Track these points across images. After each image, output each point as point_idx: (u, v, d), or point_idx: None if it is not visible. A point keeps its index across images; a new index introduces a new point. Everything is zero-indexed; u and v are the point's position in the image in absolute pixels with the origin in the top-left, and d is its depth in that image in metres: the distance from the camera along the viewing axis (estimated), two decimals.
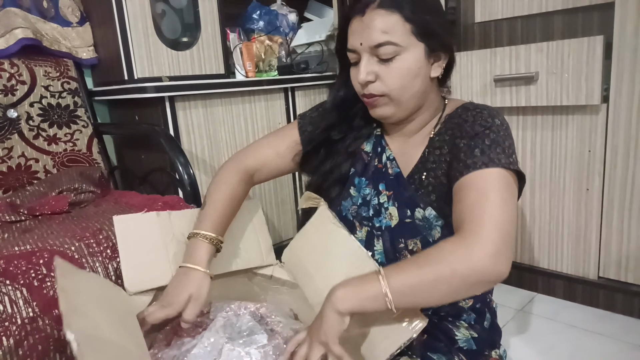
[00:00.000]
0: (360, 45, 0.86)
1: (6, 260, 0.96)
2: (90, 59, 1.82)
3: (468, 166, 0.80)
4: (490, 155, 0.79)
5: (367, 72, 0.86)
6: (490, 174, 0.77)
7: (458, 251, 0.70)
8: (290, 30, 2.29)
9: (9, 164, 1.48)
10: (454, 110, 0.93)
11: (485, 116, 0.85)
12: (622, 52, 1.41)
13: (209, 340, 0.79)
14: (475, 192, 0.76)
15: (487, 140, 0.81)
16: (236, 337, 0.81)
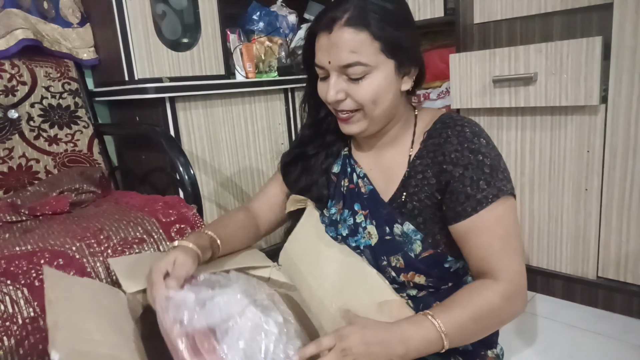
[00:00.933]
0: (328, 64, 0.83)
1: (7, 260, 0.97)
2: (90, 59, 1.82)
3: (480, 202, 0.79)
4: (497, 185, 0.79)
5: (336, 91, 0.84)
6: (503, 208, 0.79)
7: (505, 306, 0.76)
8: (290, 31, 2.30)
9: (9, 164, 1.49)
10: (431, 126, 0.90)
11: (469, 137, 0.82)
12: (620, 53, 1.41)
13: (232, 296, 0.74)
14: (498, 234, 0.78)
15: (485, 167, 0.80)
16: (256, 305, 0.77)
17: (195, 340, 0.67)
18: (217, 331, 0.69)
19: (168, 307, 0.71)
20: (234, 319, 0.71)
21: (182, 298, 0.72)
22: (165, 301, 0.72)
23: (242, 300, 0.74)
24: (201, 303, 0.72)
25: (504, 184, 0.79)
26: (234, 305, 0.73)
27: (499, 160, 0.82)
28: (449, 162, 0.83)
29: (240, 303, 0.74)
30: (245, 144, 1.93)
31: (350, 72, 0.82)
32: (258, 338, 0.70)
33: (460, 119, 0.86)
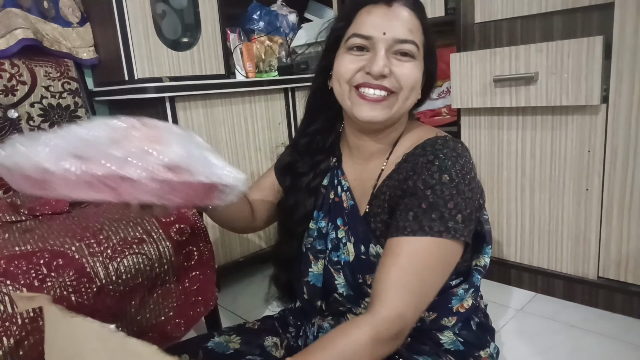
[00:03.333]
0: (382, 35, 0.79)
1: (7, 260, 0.96)
2: (90, 59, 1.82)
3: (398, 229, 0.76)
4: (422, 223, 0.74)
5: (384, 64, 0.79)
6: (423, 247, 0.74)
7: (371, 350, 0.68)
8: (290, 30, 2.30)
9: None
10: (411, 150, 0.85)
11: (434, 170, 0.77)
12: (621, 53, 1.41)
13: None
14: (401, 265, 0.73)
15: (424, 203, 0.76)
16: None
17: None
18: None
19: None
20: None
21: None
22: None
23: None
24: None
25: (433, 225, 0.74)
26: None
27: (450, 199, 0.76)
28: (402, 190, 0.81)
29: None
30: (246, 144, 1.93)
31: (402, 48, 0.80)
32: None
33: (441, 149, 0.80)
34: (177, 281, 1.19)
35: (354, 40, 0.82)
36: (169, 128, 0.70)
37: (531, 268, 1.75)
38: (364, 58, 0.81)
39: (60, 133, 0.62)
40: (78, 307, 0.96)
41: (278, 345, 0.99)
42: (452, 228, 0.75)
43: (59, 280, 0.96)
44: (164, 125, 0.70)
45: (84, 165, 0.57)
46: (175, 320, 1.19)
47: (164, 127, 0.69)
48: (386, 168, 0.88)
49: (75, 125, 0.65)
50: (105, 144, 0.61)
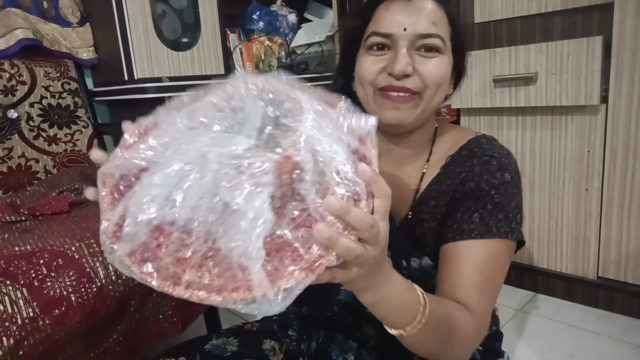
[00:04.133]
0: (403, 31, 0.73)
1: (6, 261, 0.96)
2: (90, 59, 1.82)
3: (462, 232, 0.73)
4: (489, 224, 0.72)
5: (406, 63, 0.72)
6: (494, 249, 0.72)
7: (472, 337, 0.70)
8: (290, 30, 2.30)
9: (9, 164, 1.48)
10: (456, 152, 0.81)
11: (494, 170, 0.75)
12: (621, 53, 1.41)
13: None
14: (482, 270, 0.71)
15: (490, 204, 0.73)
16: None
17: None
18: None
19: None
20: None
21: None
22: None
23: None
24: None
25: (499, 226, 0.73)
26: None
27: (512, 198, 0.75)
28: (463, 192, 0.77)
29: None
30: None
31: (426, 43, 0.73)
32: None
33: (490, 148, 0.78)
34: None
35: (373, 39, 0.76)
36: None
37: (531, 268, 1.75)
38: (385, 57, 0.75)
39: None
40: (78, 307, 0.96)
41: (276, 349, 0.98)
42: (515, 229, 0.74)
43: (58, 281, 0.96)
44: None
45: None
46: (173, 319, 1.19)
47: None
48: (428, 171, 0.83)
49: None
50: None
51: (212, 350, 0.91)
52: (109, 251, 0.45)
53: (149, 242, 0.45)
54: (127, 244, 0.44)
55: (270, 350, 0.95)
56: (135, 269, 0.44)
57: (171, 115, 0.53)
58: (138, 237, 0.44)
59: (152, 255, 0.44)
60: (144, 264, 0.44)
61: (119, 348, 1.07)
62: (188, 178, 0.45)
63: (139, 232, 0.44)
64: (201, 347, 0.90)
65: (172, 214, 0.45)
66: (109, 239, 0.45)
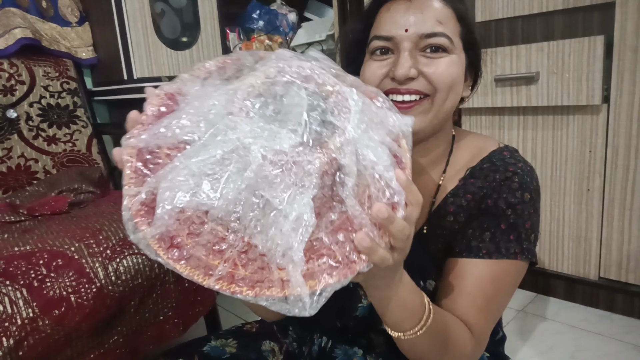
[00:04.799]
0: (404, 32, 0.69)
1: (6, 261, 0.96)
2: (89, 59, 1.81)
3: (470, 249, 0.71)
4: (499, 244, 0.70)
5: (409, 66, 0.68)
6: (491, 267, 0.70)
7: (469, 355, 0.69)
8: (290, 29, 2.29)
9: (8, 164, 1.48)
10: (477, 164, 0.77)
11: (515, 188, 0.72)
12: (622, 52, 1.41)
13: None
14: (486, 291, 0.70)
15: (504, 223, 0.71)
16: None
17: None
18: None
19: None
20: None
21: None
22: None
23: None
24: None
25: (509, 247, 0.71)
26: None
27: (528, 218, 0.72)
28: (479, 209, 0.74)
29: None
30: None
31: (431, 43, 0.69)
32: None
33: (514, 163, 0.74)
34: (176, 281, 1.19)
35: (375, 43, 0.73)
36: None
37: (532, 268, 1.75)
38: (389, 62, 0.71)
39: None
40: (77, 307, 0.96)
41: (276, 351, 0.97)
42: (527, 249, 0.71)
43: (58, 281, 0.96)
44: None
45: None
46: (174, 320, 1.19)
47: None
48: (445, 183, 0.79)
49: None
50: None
51: (211, 352, 0.90)
52: (133, 230, 0.43)
53: (180, 229, 0.43)
54: (156, 229, 0.42)
55: (270, 351, 0.94)
56: (163, 253, 0.42)
57: (202, 89, 0.52)
58: (169, 223, 0.43)
59: (182, 243, 0.43)
60: (172, 250, 0.43)
61: (120, 350, 1.07)
62: (227, 168, 0.45)
63: (170, 218, 0.43)
64: (199, 349, 0.90)
65: (208, 203, 0.44)
66: (133, 218, 0.43)
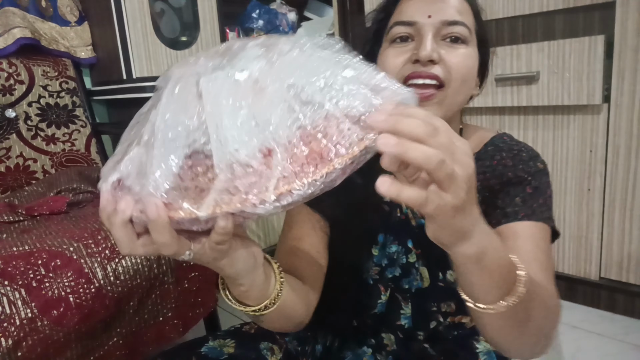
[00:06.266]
0: (427, 18, 0.69)
1: (4, 261, 0.95)
2: (88, 58, 1.81)
3: (507, 215, 0.70)
4: (533, 206, 0.70)
5: (432, 48, 0.68)
6: (534, 229, 0.68)
7: (558, 312, 0.63)
8: (289, 29, 2.29)
9: (7, 164, 1.47)
10: (481, 148, 0.79)
11: (526, 159, 0.75)
12: (623, 52, 1.40)
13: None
14: (529, 244, 0.66)
15: (529, 187, 0.72)
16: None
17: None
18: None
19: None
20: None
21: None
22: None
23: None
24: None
25: (543, 210, 0.71)
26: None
27: (547, 186, 0.74)
28: (499, 183, 0.74)
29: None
30: None
31: (452, 31, 0.69)
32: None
33: (517, 144, 0.78)
34: (176, 282, 1.18)
35: (396, 29, 0.72)
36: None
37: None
38: (409, 48, 0.71)
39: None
40: (76, 307, 0.95)
41: (275, 349, 0.96)
42: (552, 218, 0.72)
43: (57, 281, 0.95)
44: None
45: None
46: (174, 321, 1.18)
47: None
48: None
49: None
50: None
51: (209, 353, 0.89)
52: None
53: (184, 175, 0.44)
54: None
55: (269, 350, 0.94)
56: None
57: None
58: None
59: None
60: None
61: (119, 351, 1.06)
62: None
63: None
64: (197, 350, 0.89)
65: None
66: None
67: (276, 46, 0.47)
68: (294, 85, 0.44)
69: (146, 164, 0.45)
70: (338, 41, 0.49)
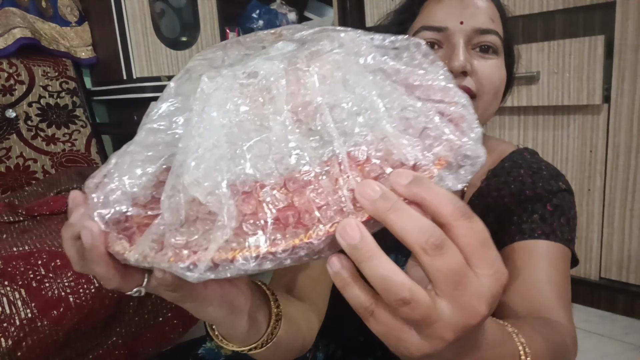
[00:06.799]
0: (459, 24, 0.64)
1: (5, 261, 0.95)
2: (88, 58, 1.81)
3: (523, 231, 0.64)
4: (553, 225, 0.64)
5: (465, 58, 0.63)
6: (552, 249, 0.62)
7: (572, 353, 0.54)
8: None
9: (7, 164, 1.47)
10: (498, 164, 0.74)
11: (547, 177, 0.69)
12: (623, 52, 1.40)
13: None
14: (544, 264, 0.61)
15: (549, 205, 0.66)
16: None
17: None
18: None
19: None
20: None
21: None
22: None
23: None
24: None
25: (564, 230, 0.65)
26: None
27: (571, 206, 0.68)
28: (519, 201, 0.68)
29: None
30: None
31: (485, 41, 0.65)
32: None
33: (537, 161, 0.72)
34: None
35: (423, 34, 0.67)
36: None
37: None
38: (439, 55, 0.65)
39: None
40: (76, 308, 0.95)
41: None
42: (573, 241, 0.65)
43: (57, 281, 0.95)
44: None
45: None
46: (174, 321, 1.18)
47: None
48: (468, 189, 0.75)
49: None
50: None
51: (206, 354, 0.89)
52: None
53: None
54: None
55: None
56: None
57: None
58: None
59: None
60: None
61: (119, 351, 1.06)
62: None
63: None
64: (194, 352, 0.89)
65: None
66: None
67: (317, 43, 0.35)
68: (311, 104, 0.32)
69: (113, 171, 0.35)
70: (417, 45, 0.38)
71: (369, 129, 0.32)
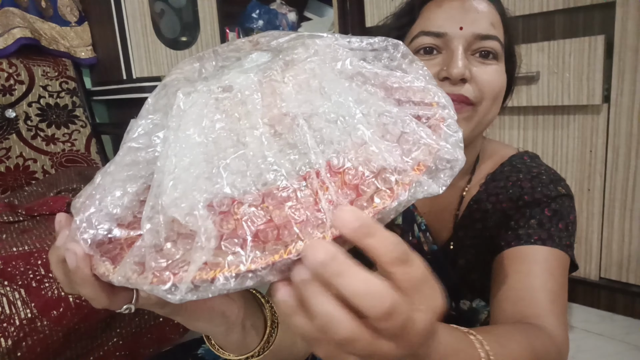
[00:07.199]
0: (459, 30, 0.63)
1: (4, 261, 0.95)
2: (88, 58, 1.81)
3: (519, 237, 0.63)
4: (550, 230, 0.63)
5: (464, 65, 0.62)
6: (549, 255, 0.62)
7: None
8: (289, 29, 2.29)
9: (7, 164, 1.47)
10: (497, 168, 0.74)
11: (546, 182, 0.68)
12: (623, 52, 1.40)
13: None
14: (540, 269, 0.60)
15: (547, 210, 0.65)
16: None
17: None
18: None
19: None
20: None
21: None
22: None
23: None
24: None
25: (562, 236, 0.64)
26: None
27: (570, 211, 0.68)
28: (514, 206, 0.68)
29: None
30: None
31: (485, 46, 0.64)
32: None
33: (537, 165, 0.71)
34: None
35: (422, 39, 0.66)
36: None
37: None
38: (435, 62, 0.65)
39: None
40: (76, 308, 0.95)
41: None
42: (572, 246, 0.65)
43: (57, 281, 0.95)
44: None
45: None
46: (174, 321, 1.18)
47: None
48: (468, 193, 0.75)
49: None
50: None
51: (205, 355, 0.88)
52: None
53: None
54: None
55: None
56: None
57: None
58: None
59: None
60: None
61: (119, 352, 1.06)
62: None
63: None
64: (194, 352, 0.88)
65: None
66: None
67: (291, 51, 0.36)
68: (287, 115, 0.32)
69: (94, 193, 0.36)
70: (394, 45, 0.39)
71: (347, 136, 0.32)
